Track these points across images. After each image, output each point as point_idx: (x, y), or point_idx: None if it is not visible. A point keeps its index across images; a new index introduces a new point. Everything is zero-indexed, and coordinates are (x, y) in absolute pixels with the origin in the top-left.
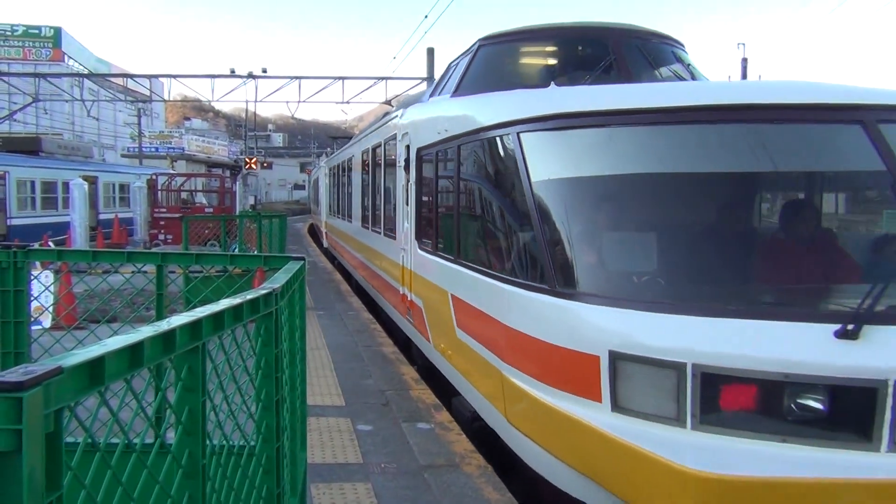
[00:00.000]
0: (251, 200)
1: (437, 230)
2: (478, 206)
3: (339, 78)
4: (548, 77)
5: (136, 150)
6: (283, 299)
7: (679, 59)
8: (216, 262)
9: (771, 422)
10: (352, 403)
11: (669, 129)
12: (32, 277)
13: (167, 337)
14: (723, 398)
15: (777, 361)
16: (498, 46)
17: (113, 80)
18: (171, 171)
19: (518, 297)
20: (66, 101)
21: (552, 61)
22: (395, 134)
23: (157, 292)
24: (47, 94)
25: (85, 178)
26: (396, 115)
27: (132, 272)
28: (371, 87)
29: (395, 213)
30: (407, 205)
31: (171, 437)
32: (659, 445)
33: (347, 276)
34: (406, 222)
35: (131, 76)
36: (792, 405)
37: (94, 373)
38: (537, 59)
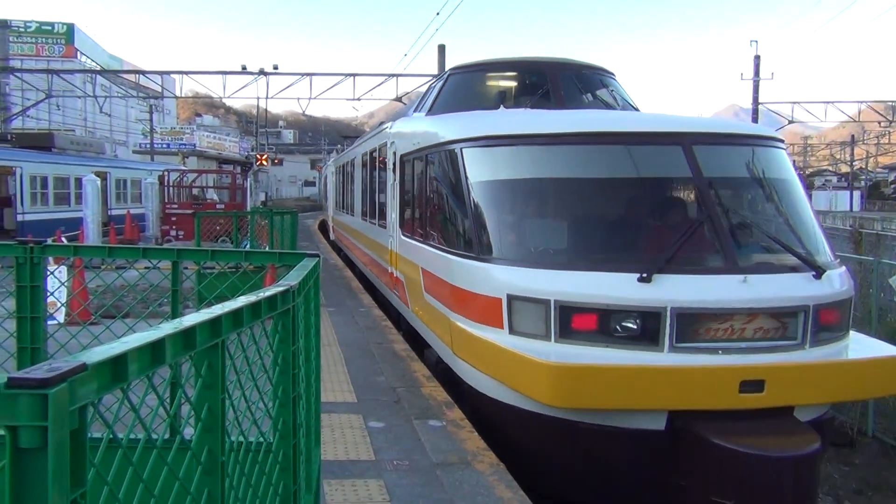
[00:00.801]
0: (262, 197)
1: (413, 219)
2: (438, 200)
3: (350, 75)
4: (499, 101)
5: (148, 146)
6: (299, 296)
7: (605, 86)
8: (232, 259)
9: (601, 335)
10: (363, 400)
11: (552, 148)
12: (48, 273)
13: (188, 334)
14: (573, 322)
15: (605, 297)
16: (464, 75)
17: (125, 76)
18: (183, 168)
19: (458, 264)
20: (79, 97)
21: (504, 88)
22: (386, 142)
23: (171, 288)
24: (60, 90)
25: (97, 174)
26: (387, 126)
27: (147, 268)
28: (382, 83)
29: (385, 207)
30: (394, 199)
31: (188, 433)
32: (534, 352)
33: (358, 274)
34: (393, 214)
35: (143, 73)
36: (614, 325)
37: (117, 370)
38: (493, 86)
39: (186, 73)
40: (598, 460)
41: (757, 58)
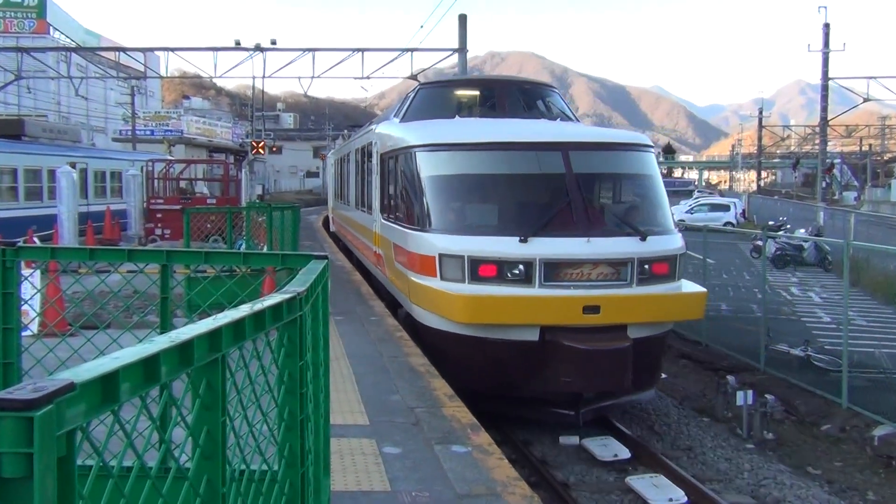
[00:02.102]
0: (258, 190)
1: (389, 205)
2: (403, 190)
3: (359, 50)
4: (457, 111)
5: (129, 133)
6: (307, 304)
7: (545, 98)
8: (229, 262)
9: (497, 278)
10: (377, 422)
11: (472, 153)
12: (23, 279)
13: (184, 348)
14: (479, 270)
15: (498, 252)
16: (431, 89)
17: (103, 54)
18: (169, 157)
19: (412, 235)
20: (52, 78)
21: (462, 101)
22: (372, 140)
23: (161, 296)
24: (31, 70)
25: (72, 166)
26: (373, 127)
27: (131, 272)
28: (395, 59)
29: (371, 196)
30: (377, 190)
31: (185, 459)
32: (455, 290)
33: (367, 275)
34: (376, 202)
35: (124, 50)
36: (504, 271)
37: (108, 389)
38: (453, 99)
39: (172, 49)
40: (497, 362)
41: (826, 27)
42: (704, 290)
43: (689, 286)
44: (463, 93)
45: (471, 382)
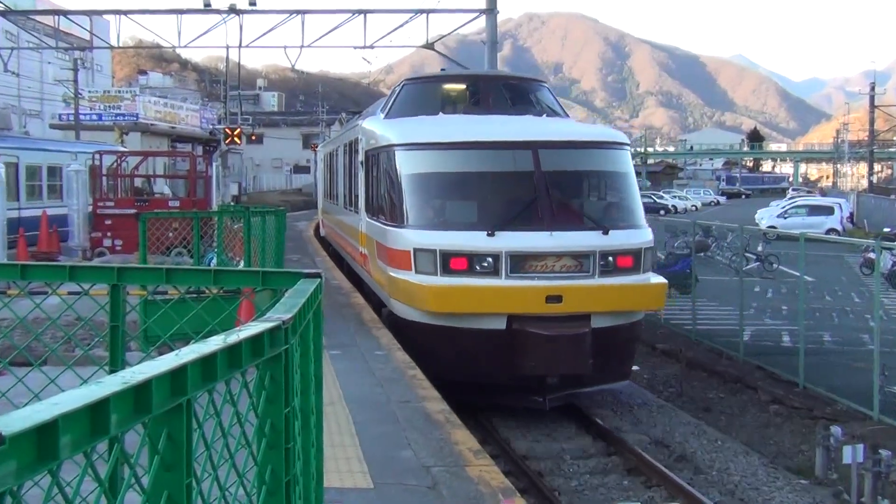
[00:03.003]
0: (233, 189)
1: (372, 203)
2: (384, 187)
3: (360, 11)
4: (441, 107)
5: (72, 118)
6: (294, 336)
7: (532, 93)
8: (194, 282)
9: (466, 270)
10: (383, 486)
11: (447, 152)
12: None
13: (140, 392)
14: (451, 263)
15: (467, 246)
16: (415, 85)
17: (39, 19)
18: (121, 149)
19: (390, 231)
20: None
21: (445, 97)
22: (358, 137)
23: (111, 324)
24: None
25: None
26: (360, 123)
27: (73, 294)
28: (406, 23)
29: (358, 194)
30: (362, 187)
31: None
32: (427, 282)
33: (359, 284)
34: (361, 200)
35: (64, 13)
36: (473, 263)
37: (45, 443)
38: (437, 95)
39: (125, 12)
40: (467, 351)
41: None
42: (664, 280)
43: (655, 278)
44: (448, 89)
45: (445, 372)
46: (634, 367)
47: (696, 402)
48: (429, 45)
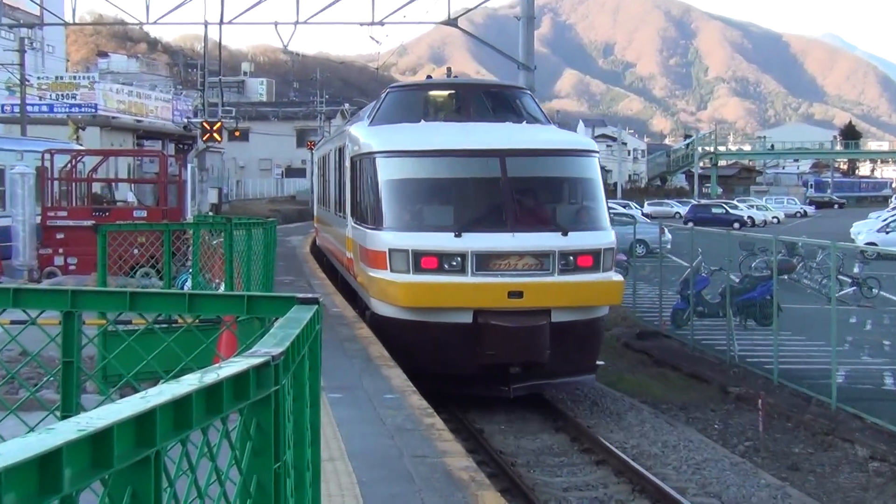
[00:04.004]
0: (212, 197)
1: (357, 208)
2: (367, 192)
3: None
4: (423, 115)
5: (17, 109)
6: (286, 374)
7: (514, 101)
8: (166, 309)
9: (436, 269)
10: None
11: (422, 159)
12: None
13: (99, 442)
14: (422, 262)
15: (436, 246)
16: (399, 93)
17: None
18: (77, 147)
19: (370, 233)
20: None
21: (427, 104)
22: (345, 143)
23: (63, 360)
24: None
25: None
26: (347, 129)
27: (17, 323)
28: None
29: (345, 200)
30: (348, 193)
31: None
32: (400, 279)
33: (358, 303)
34: (348, 205)
35: None
36: (442, 262)
37: None
38: (419, 103)
39: None
40: (438, 343)
41: None
42: (622, 278)
43: (614, 277)
44: (431, 96)
45: (418, 364)
46: (599, 362)
47: (779, 459)
48: (451, 22)
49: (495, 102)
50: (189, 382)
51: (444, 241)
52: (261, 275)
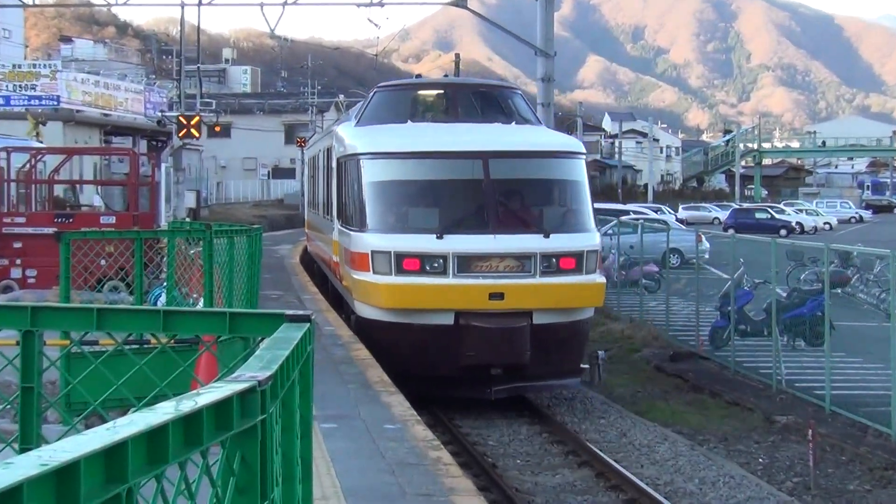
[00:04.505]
0: (190, 200)
1: (343, 210)
2: (352, 194)
3: None
4: (410, 115)
5: None
6: (274, 402)
7: (503, 101)
8: (137, 328)
9: (418, 270)
10: None
11: (406, 161)
12: None
13: (64, 477)
14: (403, 264)
15: (418, 248)
16: (386, 93)
17: None
18: (37, 144)
19: (354, 235)
20: None
21: (415, 105)
22: (332, 144)
23: (21, 385)
24: None
25: None
26: (335, 128)
27: None
28: None
29: (332, 202)
30: (335, 195)
31: None
32: (382, 281)
33: (344, 308)
34: (335, 208)
35: None
36: (423, 263)
37: None
38: (407, 103)
39: None
40: (420, 345)
41: None
42: (604, 280)
43: (597, 279)
44: (419, 96)
45: (401, 366)
46: (579, 366)
47: (832, 497)
48: (459, 2)
49: (485, 102)
50: (164, 411)
51: (425, 242)
52: (244, 289)
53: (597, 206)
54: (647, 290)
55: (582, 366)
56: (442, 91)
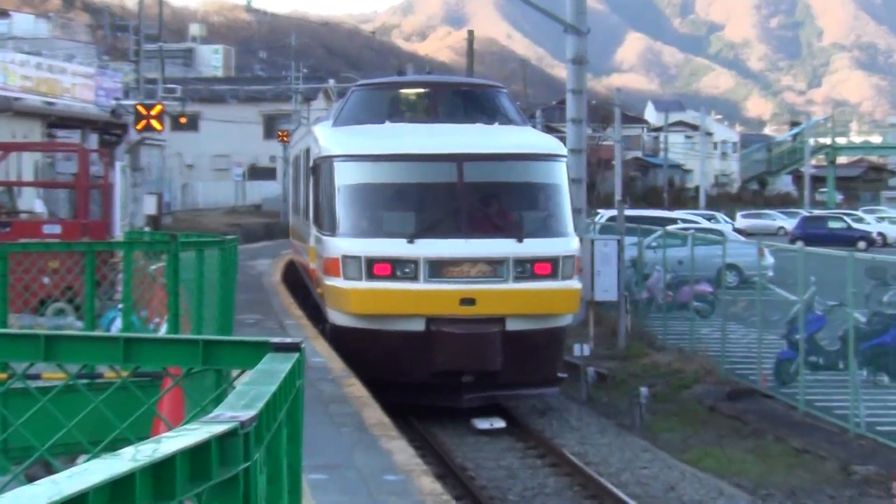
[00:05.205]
0: (149, 206)
1: (318, 214)
2: (325, 197)
3: None
4: (389, 115)
5: None
6: (258, 447)
7: (488, 100)
8: (90, 359)
9: (389, 275)
10: None
11: (378, 163)
12: None
13: None
14: (374, 269)
15: (389, 252)
16: (365, 92)
17: None
18: None
19: (325, 240)
20: None
21: (394, 104)
22: (310, 144)
23: None
24: None
25: None
26: (314, 128)
27: None
28: None
29: (309, 206)
30: (312, 198)
31: None
32: (352, 286)
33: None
34: (311, 212)
35: None
36: (394, 268)
37: None
38: (385, 102)
39: None
40: (391, 351)
41: None
42: (579, 286)
43: (574, 285)
44: (398, 96)
45: (372, 373)
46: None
47: None
48: None
49: (467, 102)
50: (129, 457)
51: (396, 247)
52: (216, 313)
53: (639, 213)
54: (699, 314)
55: (560, 375)
56: (423, 90)
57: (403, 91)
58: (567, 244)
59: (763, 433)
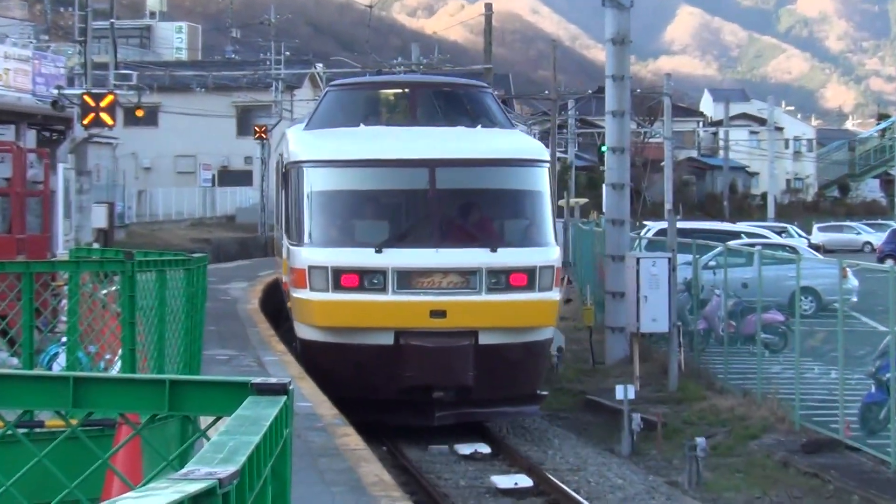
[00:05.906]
0: (99, 217)
1: (288, 223)
2: (294, 205)
3: None
4: (363, 118)
5: None
6: None
7: (470, 101)
8: (32, 403)
9: (358, 287)
10: None
11: (348, 169)
12: None
13: None
14: (341, 280)
15: (358, 263)
16: (339, 92)
17: None
18: None
19: (293, 250)
20: None
21: (369, 107)
22: (283, 149)
23: None
24: None
25: None
26: (286, 131)
27: None
28: None
29: (282, 215)
30: (284, 207)
31: None
32: (317, 298)
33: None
34: (283, 222)
35: None
36: (361, 279)
37: None
38: (360, 104)
39: None
40: (359, 366)
41: None
42: (557, 297)
43: (552, 296)
44: (374, 97)
45: (339, 389)
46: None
47: None
48: None
49: (448, 104)
50: None
51: (363, 257)
52: (180, 347)
53: (694, 225)
54: (769, 348)
55: (540, 392)
56: (400, 91)
57: (380, 92)
58: (545, 254)
59: (847, 494)
